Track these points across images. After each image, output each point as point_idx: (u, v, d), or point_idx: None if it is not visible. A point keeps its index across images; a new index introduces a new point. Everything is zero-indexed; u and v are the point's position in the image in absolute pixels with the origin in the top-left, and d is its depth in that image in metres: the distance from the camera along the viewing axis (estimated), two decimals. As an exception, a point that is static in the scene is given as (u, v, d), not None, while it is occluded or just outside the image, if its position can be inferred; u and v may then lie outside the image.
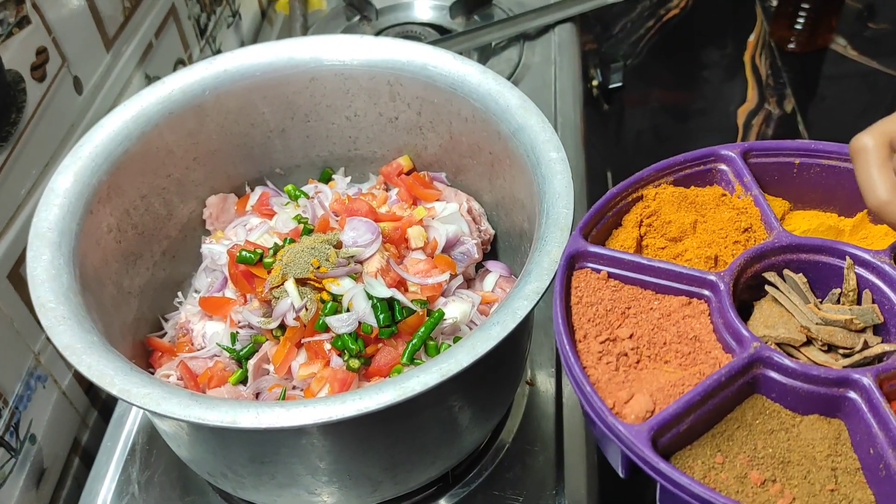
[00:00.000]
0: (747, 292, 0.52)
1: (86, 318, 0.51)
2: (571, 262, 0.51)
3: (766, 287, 0.51)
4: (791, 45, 1.38)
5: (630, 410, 0.46)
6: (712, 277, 0.49)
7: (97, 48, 0.76)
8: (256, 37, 1.17)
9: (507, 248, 0.70)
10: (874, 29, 1.43)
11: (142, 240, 0.64)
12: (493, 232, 0.69)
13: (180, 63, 0.92)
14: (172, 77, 0.64)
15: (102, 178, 0.59)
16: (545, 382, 0.69)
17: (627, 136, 1.31)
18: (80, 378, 0.72)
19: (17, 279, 0.63)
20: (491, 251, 0.70)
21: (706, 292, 0.50)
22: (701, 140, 1.28)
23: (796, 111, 1.29)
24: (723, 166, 0.56)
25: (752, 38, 1.43)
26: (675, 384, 0.47)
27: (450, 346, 0.58)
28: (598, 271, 0.52)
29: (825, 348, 0.48)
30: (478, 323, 0.62)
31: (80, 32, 0.73)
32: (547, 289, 0.49)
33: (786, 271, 0.51)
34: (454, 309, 0.60)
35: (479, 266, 0.68)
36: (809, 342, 0.49)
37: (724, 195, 0.56)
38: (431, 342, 0.58)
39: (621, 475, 0.48)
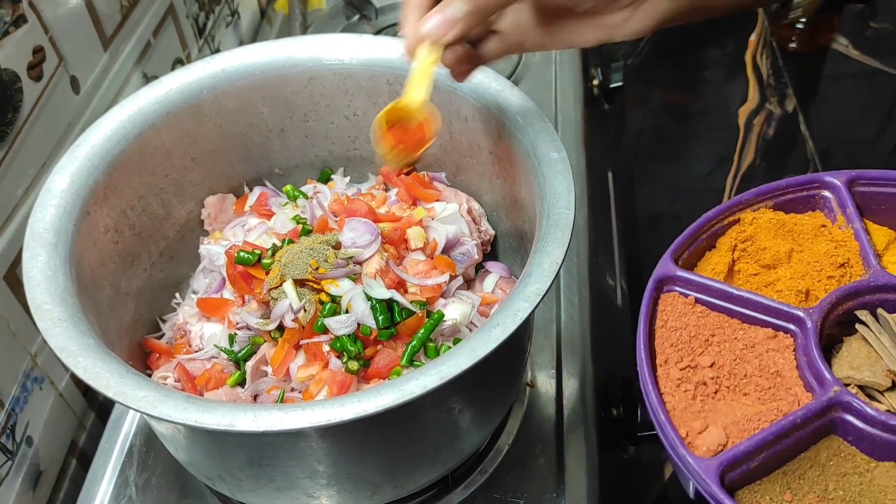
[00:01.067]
0: (838, 327, 0.51)
1: (82, 320, 0.50)
2: (660, 286, 0.51)
3: (857, 325, 0.51)
4: (792, 45, 1.38)
5: (702, 442, 0.46)
6: (800, 313, 0.49)
7: (94, 47, 0.75)
8: (255, 36, 1.16)
9: (507, 248, 0.69)
10: (876, 28, 1.42)
11: (139, 240, 0.64)
12: (493, 232, 0.69)
13: (178, 62, 0.92)
14: (170, 77, 0.64)
15: (99, 179, 0.59)
16: (546, 384, 0.69)
17: (628, 136, 1.30)
18: (77, 380, 0.72)
19: (14, 280, 0.63)
20: (491, 252, 0.70)
21: (793, 327, 0.50)
22: (702, 140, 1.28)
23: (798, 111, 1.28)
24: (826, 193, 0.56)
25: (753, 37, 1.43)
26: (751, 419, 0.46)
27: (449, 347, 0.58)
28: (686, 296, 0.51)
29: None
30: (478, 324, 0.61)
31: (77, 31, 0.72)
32: (547, 290, 0.48)
33: (879, 311, 0.50)
34: (454, 310, 0.60)
35: (479, 267, 0.68)
36: (895, 386, 0.48)
37: (824, 226, 0.55)
38: (431, 344, 0.57)
39: (691, 497, 0.48)
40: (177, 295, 0.68)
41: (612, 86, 1.10)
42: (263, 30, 1.18)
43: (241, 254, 0.59)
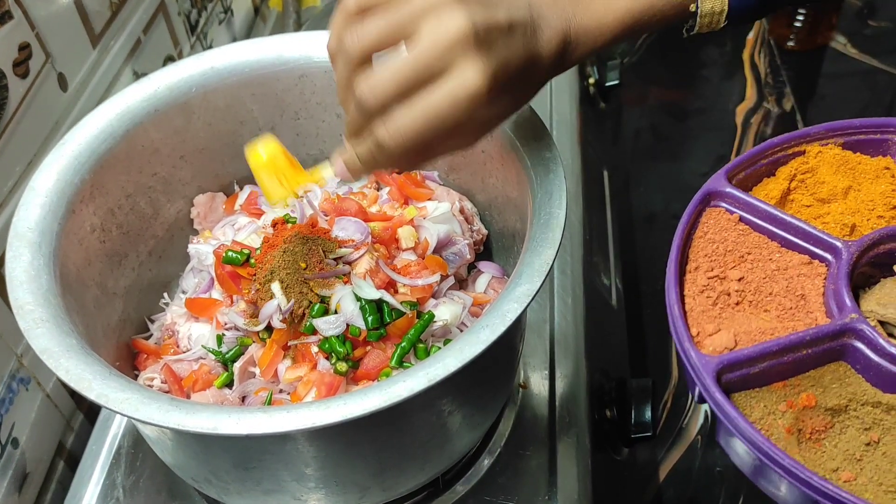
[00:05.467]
0: (877, 268, 0.52)
1: (65, 321, 0.49)
2: (707, 199, 0.53)
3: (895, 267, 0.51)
4: (790, 43, 1.37)
5: (710, 342, 0.47)
6: (838, 243, 0.50)
7: (83, 44, 0.75)
8: (249, 34, 1.16)
9: (499, 248, 0.68)
10: (874, 27, 1.41)
11: (127, 240, 0.63)
12: (485, 232, 0.68)
13: (170, 60, 0.91)
14: (158, 74, 0.63)
15: (86, 177, 0.58)
16: (538, 385, 0.68)
17: (625, 135, 1.29)
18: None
19: (-1, 280, 0.62)
20: (483, 251, 0.69)
21: (829, 256, 0.50)
22: (700, 138, 1.27)
23: (795, 109, 1.27)
24: None
25: (750, 35, 1.42)
26: (764, 332, 0.48)
27: (440, 349, 0.57)
28: (731, 213, 0.52)
29: None
30: (469, 325, 0.60)
31: (64, 28, 0.71)
32: (538, 291, 0.48)
33: None
34: (445, 311, 0.59)
35: (471, 267, 0.67)
36: None
37: (888, 168, 0.55)
38: (421, 345, 0.56)
39: (695, 401, 0.50)
40: (165, 295, 0.67)
41: (608, 84, 1.09)
42: (257, 27, 1.17)
43: (230, 253, 0.58)
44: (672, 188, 1.19)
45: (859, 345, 0.47)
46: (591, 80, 1.08)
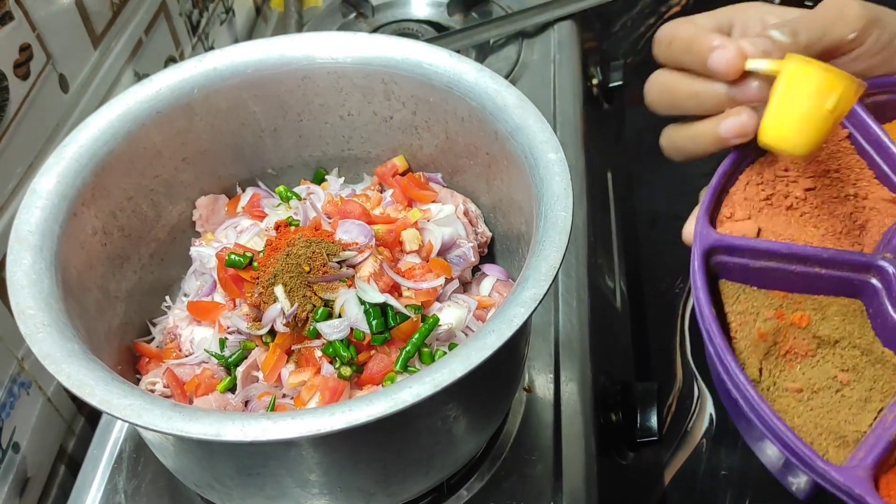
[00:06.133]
0: None
1: (67, 326, 0.49)
2: None
3: None
4: (794, 44, 1.36)
5: (730, 225, 0.46)
6: None
7: (84, 45, 0.74)
8: (251, 34, 1.15)
9: (504, 250, 0.68)
10: (878, 27, 1.41)
11: (129, 242, 0.62)
12: (490, 234, 0.67)
13: (171, 60, 0.91)
14: (160, 75, 0.62)
15: (87, 180, 0.57)
16: (543, 388, 0.68)
17: (627, 135, 1.29)
18: (66, 384, 0.70)
19: None
20: (488, 254, 0.69)
21: None
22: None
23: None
24: None
25: (754, 35, 1.41)
26: (794, 239, 0.45)
27: (445, 353, 0.56)
28: (843, 127, 0.49)
29: None
30: (474, 329, 0.60)
31: (66, 29, 0.71)
32: (544, 295, 0.47)
33: None
34: (449, 314, 0.58)
35: (475, 269, 0.66)
36: None
37: None
38: (426, 349, 0.56)
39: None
40: (167, 298, 0.67)
41: (611, 85, 1.09)
42: (259, 28, 1.17)
43: (232, 256, 0.58)
44: (675, 189, 1.19)
45: (879, 286, 0.44)
46: (595, 81, 1.08)
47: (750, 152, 0.50)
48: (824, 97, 0.43)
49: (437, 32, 1.04)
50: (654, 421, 0.69)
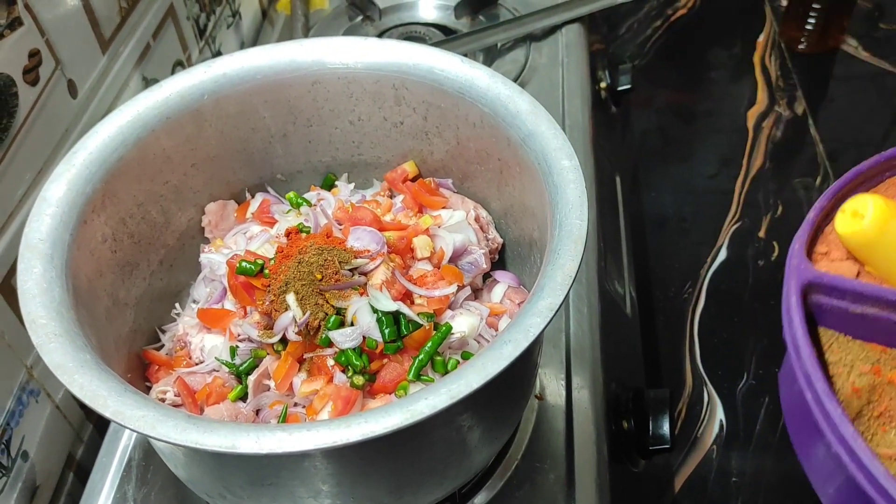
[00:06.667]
0: None
1: (78, 335, 0.48)
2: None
3: None
4: (801, 46, 1.36)
5: (827, 264, 0.43)
6: None
7: (93, 50, 0.74)
8: (257, 37, 1.15)
9: (515, 257, 0.67)
10: (885, 29, 1.40)
11: (138, 249, 0.62)
12: (501, 241, 0.67)
13: (179, 65, 0.90)
14: (170, 81, 0.62)
15: (97, 187, 0.57)
16: (555, 396, 0.67)
17: (635, 139, 1.29)
18: (74, 391, 0.70)
19: (9, 291, 0.61)
20: (498, 260, 0.68)
21: None
22: (709, 141, 1.26)
23: (807, 113, 1.26)
24: None
25: (761, 38, 1.41)
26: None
27: (457, 361, 0.56)
28: None
29: None
30: (486, 336, 0.60)
31: (74, 34, 0.70)
32: (561, 305, 0.47)
33: None
34: (462, 322, 0.58)
35: (486, 276, 0.66)
36: None
37: None
38: (438, 357, 0.55)
39: None
40: (176, 305, 0.66)
41: (619, 88, 1.08)
42: (265, 31, 1.16)
43: (243, 264, 0.57)
44: (682, 192, 1.18)
45: None
46: (603, 85, 1.07)
47: (849, 192, 0.48)
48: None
49: (445, 36, 1.03)
50: (666, 428, 0.69)
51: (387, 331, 0.54)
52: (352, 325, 0.55)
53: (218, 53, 1.01)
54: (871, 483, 0.37)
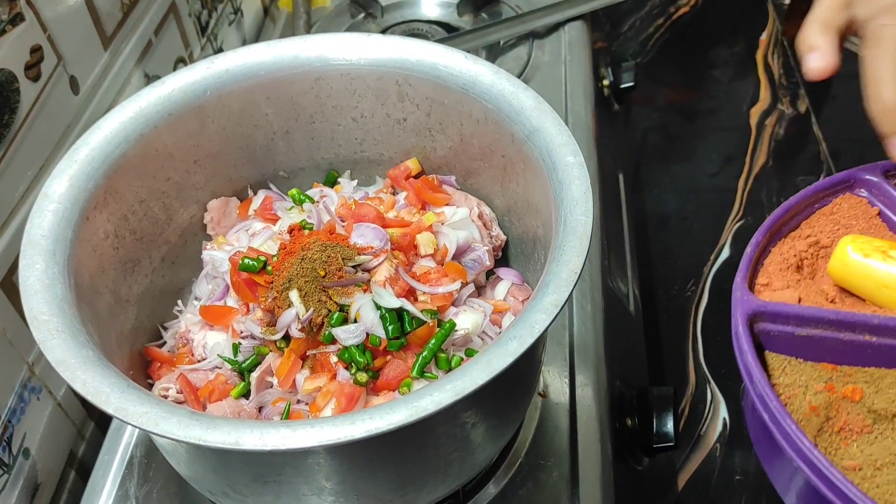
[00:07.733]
0: None
1: (81, 332, 0.48)
2: (850, 182, 0.51)
3: None
4: (804, 44, 1.35)
5: (769, 294, 0.46)
6: None
7: (94, 46, 0.73)
8: (259, 34, 1.14)
9: (518, 254, 0.67)
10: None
11: (140, 246, 0.62)
12: (504, 238, 0.67)
13: (181, 61, 0.90)
14: (172, 77, 0.62)
15: (99, 183, 0.57)
16: (558, 393, 0.67)
17: (637, 136, 1.28)
18: (76, 388, 0.70)
19: (10, 287, 0.61)
20: (501, 257, 0.68)
21: None
22: (712, 140, 1.26)
23: (810, 111, 1.26)
24: None
25: (763, 36, 1.40)
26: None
27: (461, 358, 0.56)
28: (872, 205, 0.51)
29: None
30: (490, 333, 0.59)
31: (76, 30, 0.70)
32: (566, 302, 0.46)
33: None
34: (465, 319, 0.58)
35: (489, 273, 0.66)
36: None
37: None
38: (442, 354, 0.55)
39: None
40: (179, 302, 0.66)
41: (622, 86, 1.08)
42: (267, 28, 1.16)
43: (246, 261, 0.57)
44: (685, 190, 1.18)
45: None
46: (606, 83, 1.07)
47: (782, 226, 0.50)
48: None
49: (447, 33, 1.03)
50: (670, 426, 0.69)
51: (390, 327, 0.54)
52: (355, 321, 0.54)
53: (220, 51, 1.00)
54: (829, 488, 0.39)
